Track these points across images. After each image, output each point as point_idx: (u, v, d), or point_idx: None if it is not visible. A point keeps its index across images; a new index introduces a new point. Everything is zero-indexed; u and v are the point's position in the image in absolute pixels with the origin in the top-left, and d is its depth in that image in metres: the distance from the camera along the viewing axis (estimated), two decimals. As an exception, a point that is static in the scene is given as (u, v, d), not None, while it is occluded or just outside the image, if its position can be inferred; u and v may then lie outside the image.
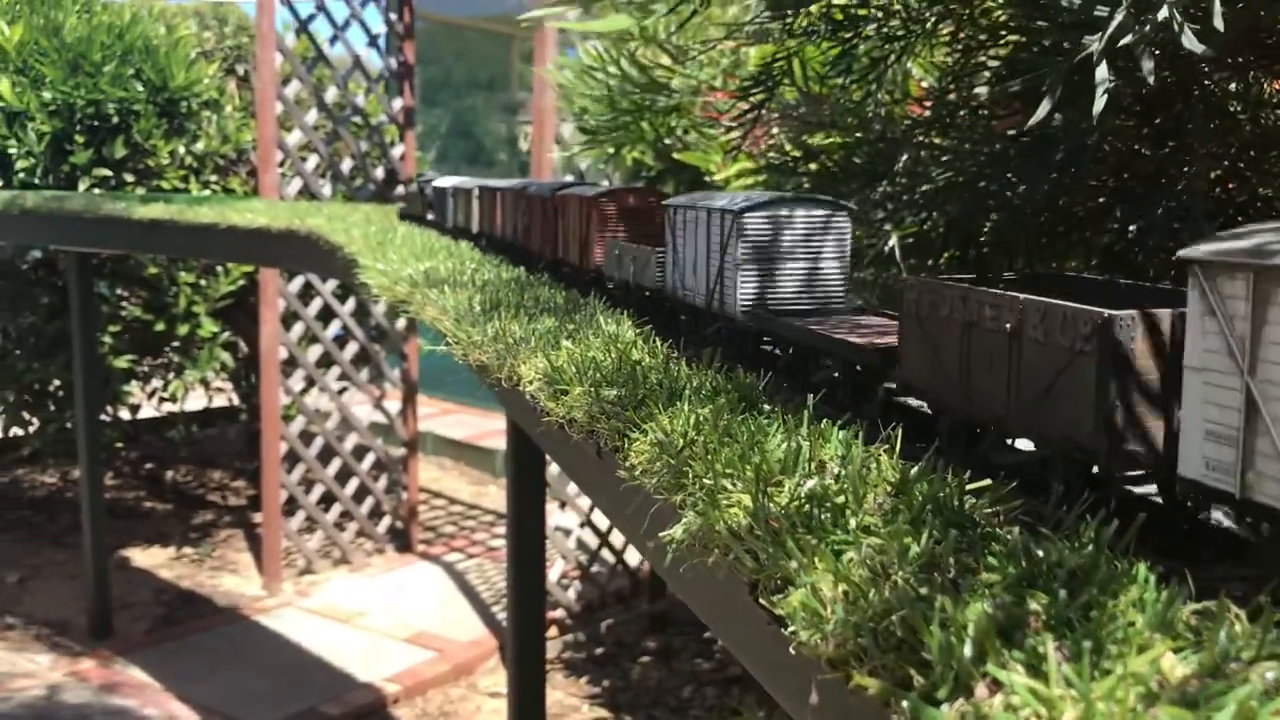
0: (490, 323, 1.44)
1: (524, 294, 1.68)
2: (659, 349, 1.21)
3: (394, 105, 7.21)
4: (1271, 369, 0.73)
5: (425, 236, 2.83)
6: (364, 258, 2.47)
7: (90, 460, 5.82)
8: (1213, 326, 0.78)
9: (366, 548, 7.47)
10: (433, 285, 1.84)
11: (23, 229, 5.37)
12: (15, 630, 6.13)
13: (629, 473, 0.83)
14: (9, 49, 6.07)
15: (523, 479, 2.93)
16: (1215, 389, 0.77)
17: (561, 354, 1.18)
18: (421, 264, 2.12)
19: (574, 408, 1.01)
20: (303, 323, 6.80)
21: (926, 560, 0.52)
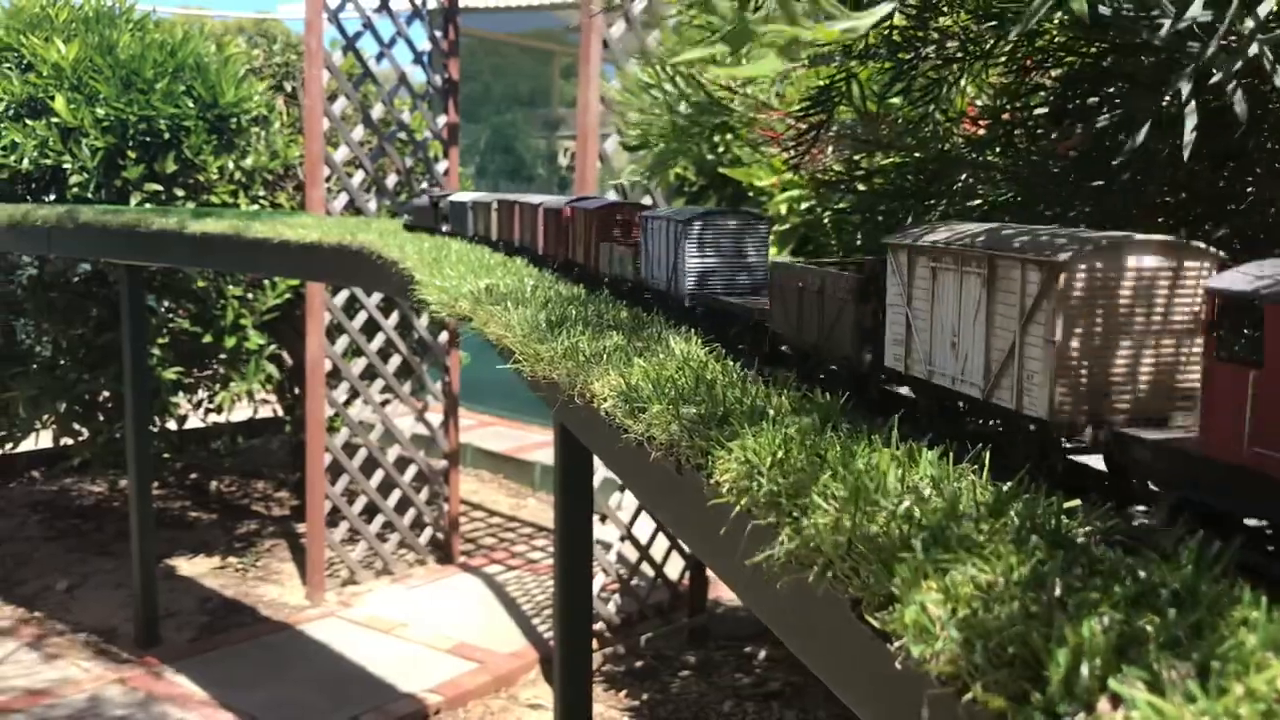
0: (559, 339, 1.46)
1: (587, 310, 1.70)
2: (732, 367, 1.23)
3: (438, 122, 7.29)
4: (917, 304, 1.18)
5: (477, 252, 2.86)
6: (420, 274, 2.50)
7: (139, 471, 5.91)
8: (894, 282, 1.23)
9: (408, 559, 7.52)
10: (495, 302, 1.87)
11: (77, 243, 5.47)
12: (64, 637, 6.22)
13: (715, 490, 0.85)
14: (65, 66, 6.19)
15: (570, 494, 2.96)
16: (896, 316, 1.24)
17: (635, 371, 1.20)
18: (480, 280, 2.14)
19: (653, 425, 1.03)
20: (347, 335, 6.87)
21: (1034, 579, 0.54)
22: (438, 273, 2.45)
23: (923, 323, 1.14)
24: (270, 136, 6.85)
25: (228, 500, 8.76)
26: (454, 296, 2.08)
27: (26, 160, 6.21)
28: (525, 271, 2.35)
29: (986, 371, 1.00)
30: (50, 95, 6.20)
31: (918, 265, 1.16)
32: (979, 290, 1.01)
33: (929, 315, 1.13)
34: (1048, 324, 0.91)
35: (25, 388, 6.93)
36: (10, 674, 5.78)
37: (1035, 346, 0.92)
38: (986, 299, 1.00)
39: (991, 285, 0.99)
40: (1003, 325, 0.98)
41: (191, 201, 6.46)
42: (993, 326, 0.99)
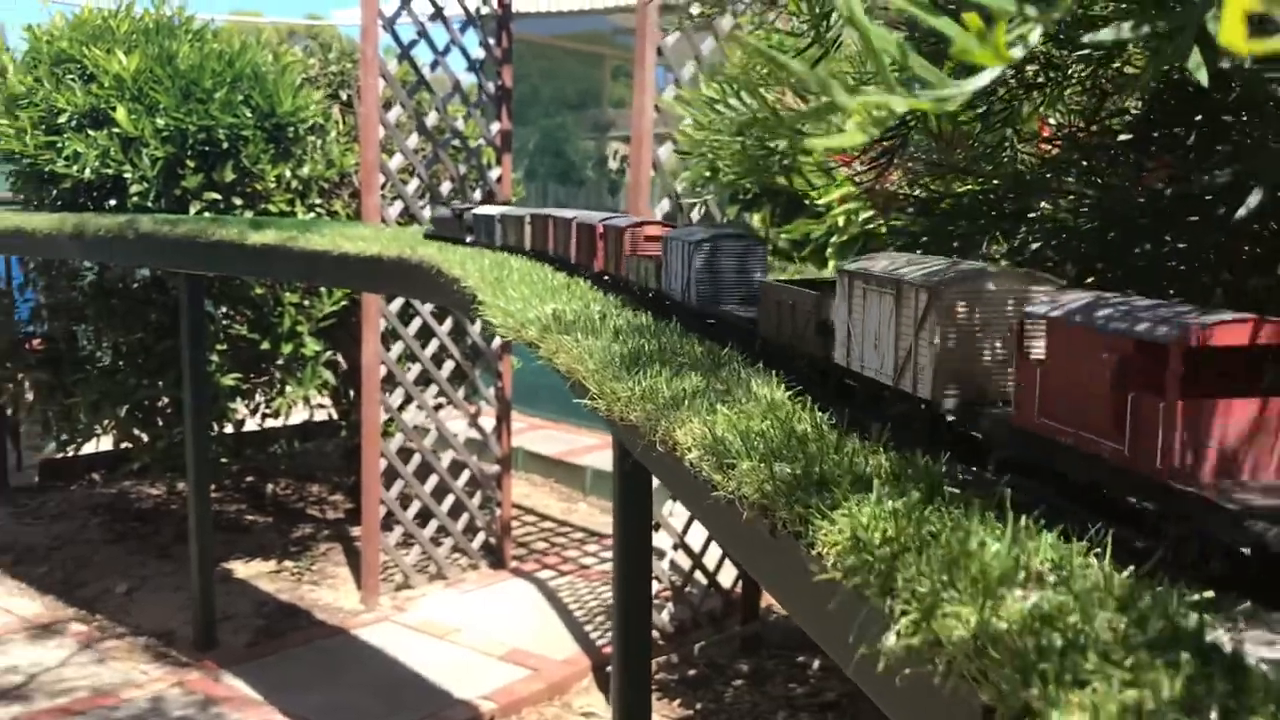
0: (635, 378, 1.44)
1: (660, 343, 1.68)
2: (822, 419, 1.20)
3: (492, 129, 7.31)
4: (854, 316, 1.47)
5: (539, 271, 2.86)
6: (484, 293, 2.50)
7: (198, 477, 5.98)
8: (841, 299, 1.51)
9: (461, 563, 7.55)
10: (564, 330, 1.85)
11: (138, 252, 5.54)
12: (124, 640, 6.31)
13: (818, 562, 0.83)
14: (126, 77, 6.28)
15: (629, 505, 2.95)
16: (840, 324, 1.52)
17: (719, 420, 1.17)
18: (546, 304, 2.13)
19: (743, 483, 1.01)
20: (402, 341, 6.92)
21: (1188, 702, 0.51)
22: (500, 293, 2.44)
23: (857, 330, 1.47)
24: (326, 145, 6.91)
25: (283, 503, 8.85)
26: (520, 321, 2.07)
27: (89, 170, 6.31)
28: (590, 295, 2.33)
29: (895, 365, 1.33)
30: (112, 106, 6.29)
31: (854, 287, 1.49)
32: (890, 307, 1.34)
33: (861, 324, 1.45)
34: (930, 332, 1.23)
35: (86, 393, 7.04)
36: (72, 676, 5.87)
37: (924, 347, 1.24)
38: (895, 313, 1.32)
39: (898, 304, 1.32)
40: (904, 332, 1.30)
41: (249, 210, 6.53)
42: (899, 333, 1.32)
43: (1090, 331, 0.94)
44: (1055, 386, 1.01)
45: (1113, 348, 0.90)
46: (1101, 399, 0.92)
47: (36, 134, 6.48)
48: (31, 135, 6.47)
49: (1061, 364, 1.00)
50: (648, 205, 5.64)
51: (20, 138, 6.51)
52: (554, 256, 3.34)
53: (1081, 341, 0.96)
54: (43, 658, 6.05)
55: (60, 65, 6.60)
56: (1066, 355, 0.99)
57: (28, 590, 7.00)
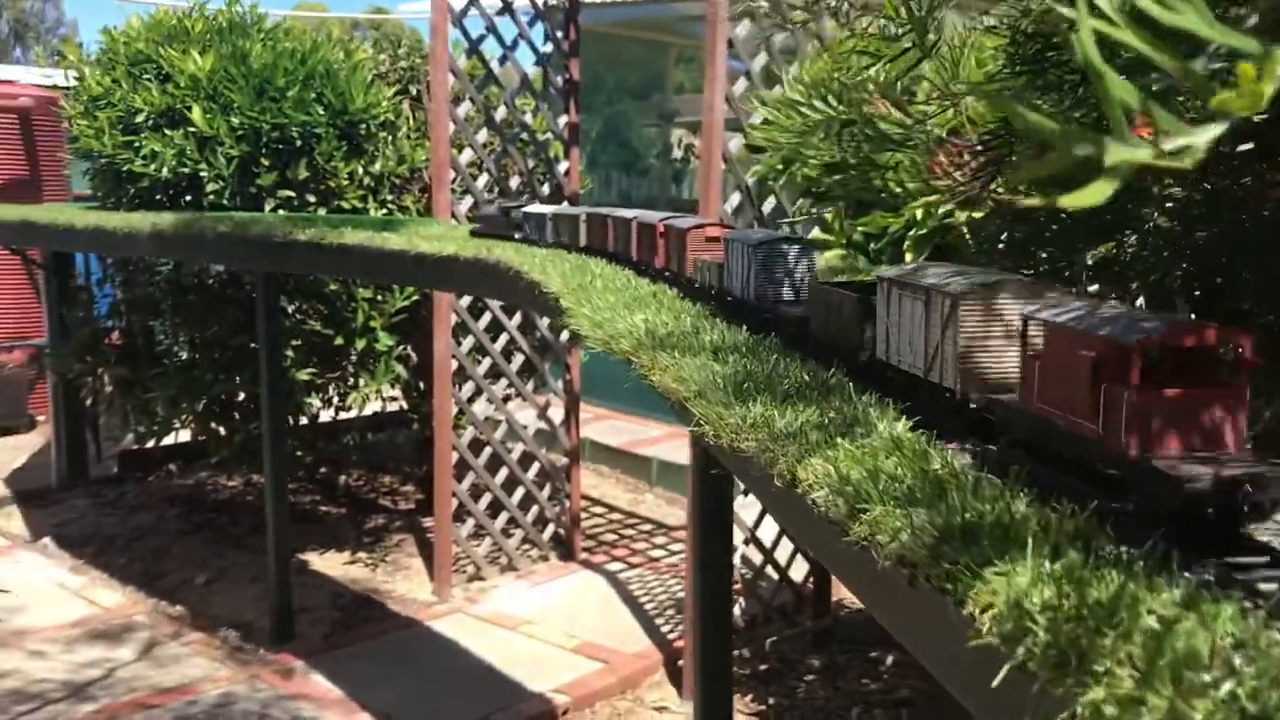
0: (745, 406, 1.42)
1: (764, 364, 1.66)
2: (953, 458, 1.17)
3: (559, 122, 7.31)
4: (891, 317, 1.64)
5: (621, 276, 2.84)
6: (568, 300, 2.49)
7: (275, 473, 6.07)
8: (881, 302, 1.67)
9: (531, 555, 7.59)
10: (659, 346, 1.83)
11: (216, 250, 5.62)
12: (204, 632, 6.43)
13: (970, 624, 0.80)
14: (201, 77, 6.36)
15: (708, 501, 2.95)
16: (880, 324, 1.70)
17: (841, 457, 1.15)
18: (634, 314, 2.12)
19: (878, 530, 0.98)
20: (472, 335, 6.95)
21: None
22: (586, 300, 2.43)
23: (894, 329, 1.66)
24: (397, 141, 6.95)
25: (356, 494, 8.96)
26: (610, 334, 2.06)
27: (166, 169, 6.41)
28: (679, 305, 2.31)
29: (925, 359, 1.53)
30: (187, 106, 6.38)
31: (892, 292, 1.67)
32: (921, 310, 1.54)
33: (898, 324, 1.64)
34: (953, 332, 1.43)
35: (165, 387, 7.17)
36: (151, 669, 6.00)
37: (948, 346, 1.43)
38: (925, 316, 1.52)
39: (927, 308, 1.52)
40: (933, 332, 1.50)
41: (323, 207, 6.60)
42: (928, 332, 1.52)
43: (1075, 333, 1.14)
44: (1049, 377, 1.21)
45: (1091, 347, 1.10)
46: (1082, 388, 1.12)
47: (114, 134, 6.59)
48: (110, 135, 6.59)
49: (1054, 359, 1.20)
50: (718, 198, 5.60)
51: (99, 137, 6.63)
52: (612, 253, 3.51)
53: (1068, 341, 1.15)
54: (123, 650, 6.18)
55: (137, 66, 6.71)
56: (1057, 352, 1.19)
57: (109, 581, 7.17)
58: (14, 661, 6.03)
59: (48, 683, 5.82)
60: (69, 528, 8.14)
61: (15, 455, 9.97)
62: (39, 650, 6.16)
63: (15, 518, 8.44)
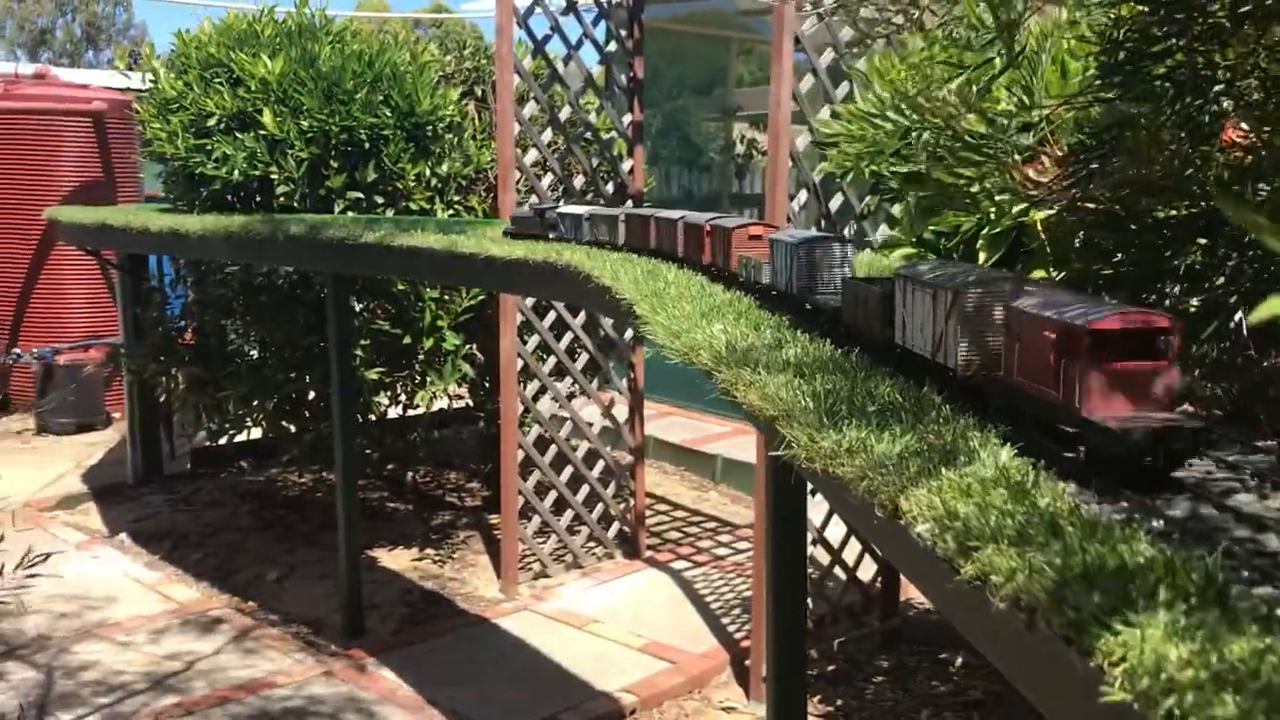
0: (838, 430, 1.40)
1: (851, 384, 1.64)
2: (1062, 490, 1.14)
3: (623, 120, 7.30)
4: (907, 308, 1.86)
5: (695, 283, 2.82)
6: (642, 307, 2.48)
7: (345, 471, 6.14)
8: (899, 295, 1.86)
9: (597, 552, 7.61)
10: (741, 361, 1.82)
11: (287, 253, 5.70)
12: (277, 628, 6.53)
13: (1103, 680, 0.77)
14: (272, 81, 6.45)
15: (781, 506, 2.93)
16: (898, 314, 1.90)
17: (946, 487, 1.12)
18: (712, 325, 2.10)
19: (991, 570, 0.95)
20: (537, 334, 6.98)
21: None
22: (660, 307, 2.42)
23: (909, 318, 1.86)
24: (463, 142, 7.00)
25: (423, 491, 9.05)
26: (689, 345, 2.04)
27: (237, 171, 6.50)
28: (757, 316, 2.29)
29: (933, 344, 1.73)
30: (258, 109, 6.47)
31: (908, 287, 1.87)
32: (931, 302, 1.74)
33: (913, 314, 1.83)
34: (955, 320, 1.62)
35: (237, 386, 7.29)
36: (227, 663, 6.10)
37: (952, 332, 1.63)
38: (933, 307, 1.71)
39: (935, 300, 1.72)
40: (939, 320, 1.69)
41: (390, 209, 6.66)
42: (935, 321, 1.71)
43: (1042, 319, 1.36)
44: (1025, 355, 1.44)
45: (1052, 330, 1.31)
46: (1048, 363, 1.33)
47: (187, 137, 6.71)
48: (182, 138, 6.71)
49: (1028, 340, 1.41)
50: (784, 195, 5.56)
51: (172, 140, 6.75)
52: (657, 251, 3.77)
53: (1037, 325, 1.37)
54: (199, 645, 6.30)
55: (209, 70, 6.81)
56: (1030, 335, 1.41)
57: (184, 577, 7.31)
58: (95, 654, 6.17)
59: (127, 675, 5.95)
60: (144, 523, 8.32)
61: (92, 451, 10.20)
62: (119, 643, 6.30)
63: (93, 513, 8.64)
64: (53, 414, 10.81)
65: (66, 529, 8.24)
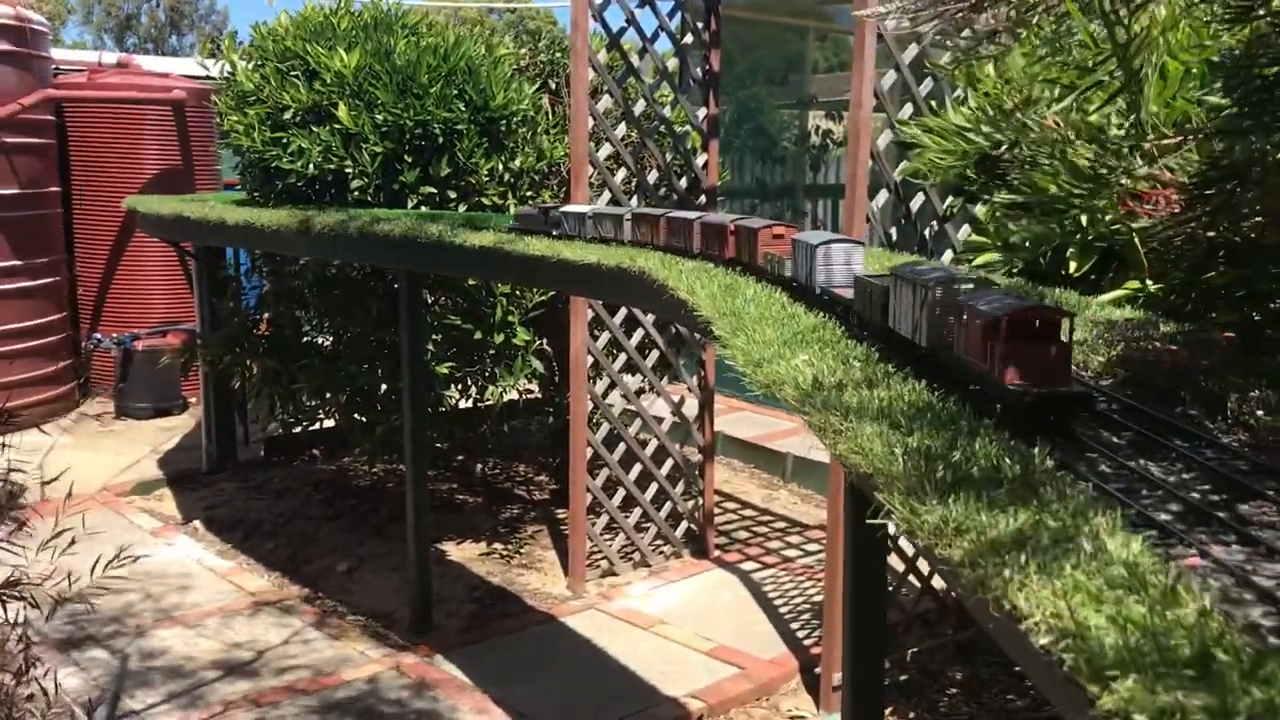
0: (943, 502, 1.28)
1: (951, 439, 1.51)
2: (1204, 595, 1.00)
3: (698, 115, 7.19)
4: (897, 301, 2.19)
5: (775, 302, 2.71)
6: (720, 327, 2.39)
7: (416, 470, 6.13)
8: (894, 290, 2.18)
9: (665, 551, 7.54)
10: (830, 404, 1.71)
11: (361, 249, 5.68)
12: (345, 620, 6.56)
13: None
14: (347, 74, 6.43)
15: (861, 512, 2.83)
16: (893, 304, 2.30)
17: (1071, 587, 1.00)
18: (797, 355, 1.99)
19: (1137, 708, 0.83)
20: (608, 331, 6.91)
21: None
22: (740, 328, 2.32)
23: (899, 308, 2.14)
24: (536, 137, 6.93)
25: (491, 484, 9.04)
26: (772, 378, 1.94)
27: (312, 165, 6.51)
28: (845, 348, 2.17)
29: (912, 329, 2.04)
30: (333, 103, 6.46)
31: (899, 284, 2.15)
32: (913, 296, 2.04)
33: (901, 305, 2.12)
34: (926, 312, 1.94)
35: (311, 378, 7.32)
36: (296, 653, 6.14)
37: (924, 319, 1.95)
38: (913, 299, 2.02)
39: (914, 294, 2.02)
40: (917, 310, 2.00)
41: (463, 204, 6.63)
42: (916, 310, 2.01)
43: (975, 310, 1.73)
44: (966, 337, 1.79)
45: (981, 318, 1.69)
46: (978, 342, 1.70)
47: (263, 130, 6.73)
48: (259, 131, 6.73)
49: (968, 325, 1.77)
50: (865, 196, 5.42)
51: (249, 133, 6.78)
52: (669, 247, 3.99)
53: (974, 315, 1.74)
54: (270, 634, 6.34)
55: (285, 63, 6.82)
56: (969, 322, 1.77)
57: (256, 566, 7.37)
58: (167, 641, 6.24)
59: (198, 662, 6.01)
60: (218, 511, 8.42)
61: (169, 437, 10.35)
62: (191, 629, 6.37)
63: (167, 499, 8.77)
64: (131, 398, 11.00)
65: (142, 514, 8.36)
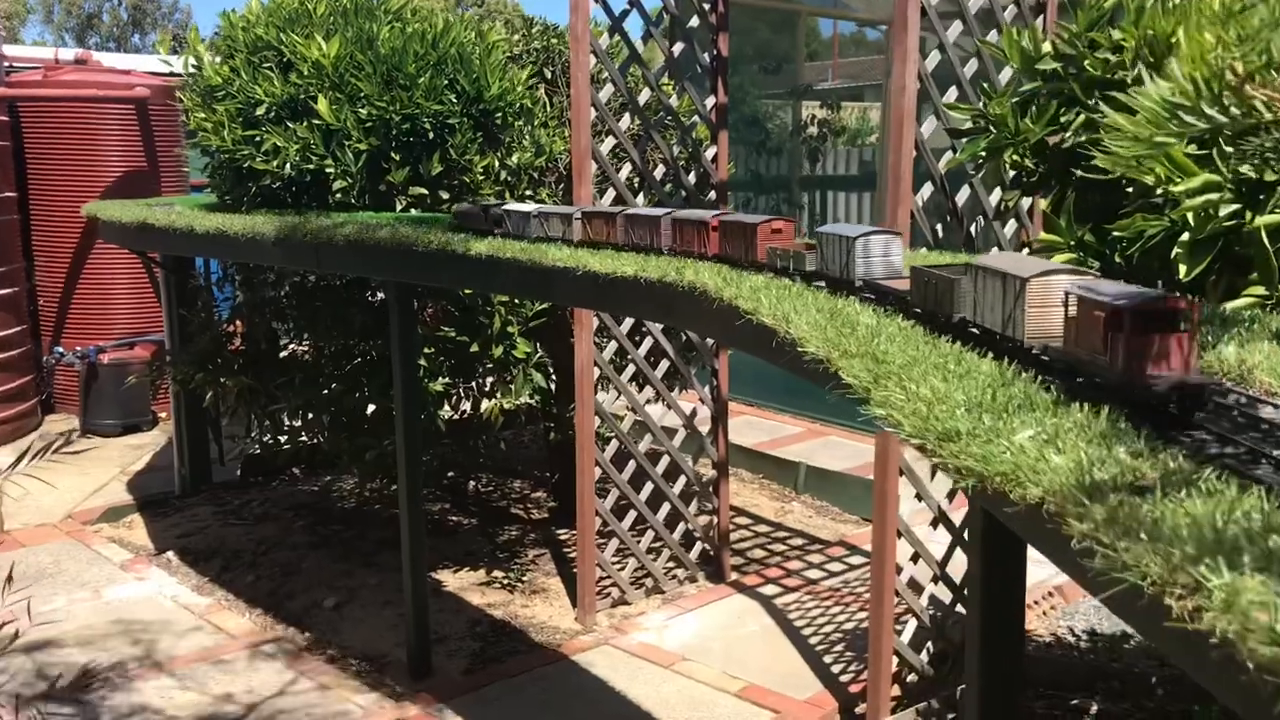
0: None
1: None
2: None
3: (706, 104, 6.63)
4: (979, 292, 2.11)
5: (910, 334, 2.12)
6: (855, 372, 1.82)
7: (411, 499, 5.55)
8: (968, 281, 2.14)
9: (679, 575, 7.00)
10: (1126, 530, 1.09)
11: (347, 260, 5.10)
12: (335, 664, 5.97)
13: None
14: (326, 65, 5.83)
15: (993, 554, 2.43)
16: (970, 296, 2.18)
17: None
18: (1018, 429, 1.40)
19: None
20: (614, 340, 6.36)
21: None
22: (884, 376, 1.76)
23: (981, 299, 2.09)
24: (534, 130, 6.35)
25: (486, 502, 8.47)
26: (994, 467, 1.32)
27: (289, 165, 5.91)
28: (1085, 418, 1.52)
29: (1001, 321, 1.98)
30: (311, 96, 5.86)
31: (978, 275, 2.09)
32: (1000, 287, 1.99)
33: (983, 297, 2.08)
34: (1021, 303, 1.90)
35: (291, 398, 6.73)
36: (287, 707, 5.56)
37: (1020, 311, 1.90)
38: (1003, 291, 1.96)
39: (1004, 285, 1.97)
40: (1008, 301, 1.95)
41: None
42: (1004, 302, 1.97)
43: (1094, 301, 1.65)
44: (1079, 329, 1.72)
45: (1102, 309, 1.62)
46: (1098, 334, 1.63)
47: (234, 127, 6.11)
48: (229, 129, 6.11)
49: (1082, 317, 1.70)
50: (909, 189, 4.88)
51: (218, 131, 6.16)
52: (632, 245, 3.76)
53: (1090, 306, 1.66)
54: (254, 683, 5.75)
55: (257, 53, 6.21)
56: (1084, 312, 1.70)
57: (236, 603, 6.77)
58: (145, 695, 5.64)
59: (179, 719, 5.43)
60: (193, 539, 7.80)
61: (137, 456, 9.72)
62: (168, 680, 5.76)
63: (138, 527, 8.14)
64: (97, 415, 10.34)
65: (111, 545, 7.73)
